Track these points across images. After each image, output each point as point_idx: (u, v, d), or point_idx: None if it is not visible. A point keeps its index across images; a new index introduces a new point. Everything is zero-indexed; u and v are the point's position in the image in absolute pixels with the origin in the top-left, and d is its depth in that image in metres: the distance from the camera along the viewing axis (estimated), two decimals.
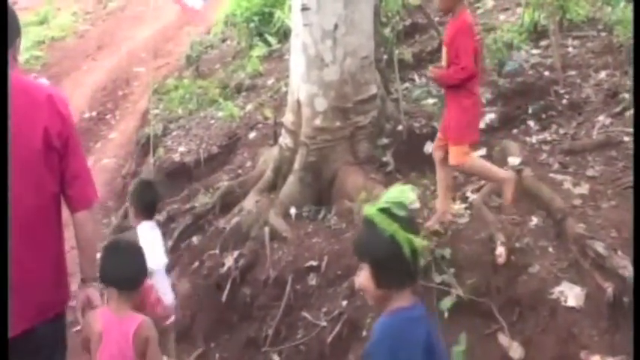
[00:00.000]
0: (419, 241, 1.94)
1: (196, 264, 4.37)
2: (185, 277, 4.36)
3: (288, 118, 4.97)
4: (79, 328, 3.12)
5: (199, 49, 9.04)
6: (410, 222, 1.98)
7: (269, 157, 5.17)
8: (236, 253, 4.22)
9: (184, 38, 10.35)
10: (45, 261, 2.66)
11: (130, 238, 3.03)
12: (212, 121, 6.62)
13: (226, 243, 4.40)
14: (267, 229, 4.29)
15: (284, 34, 8.39)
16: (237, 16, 9.17)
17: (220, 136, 6.21)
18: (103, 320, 2.69)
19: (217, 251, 4.37)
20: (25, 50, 10.23)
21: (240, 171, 5.44)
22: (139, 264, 2.80)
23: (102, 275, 2.74)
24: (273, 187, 4.81)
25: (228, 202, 4.93)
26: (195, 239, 4.68)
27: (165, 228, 5.11)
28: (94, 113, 8.67)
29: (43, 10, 13.77)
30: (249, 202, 4.68)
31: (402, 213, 1.94)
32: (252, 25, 8.68)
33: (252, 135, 5.99)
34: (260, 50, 8.11)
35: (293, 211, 4.47)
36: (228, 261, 4.18)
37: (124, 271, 2.74)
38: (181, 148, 6.28)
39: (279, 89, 6.74)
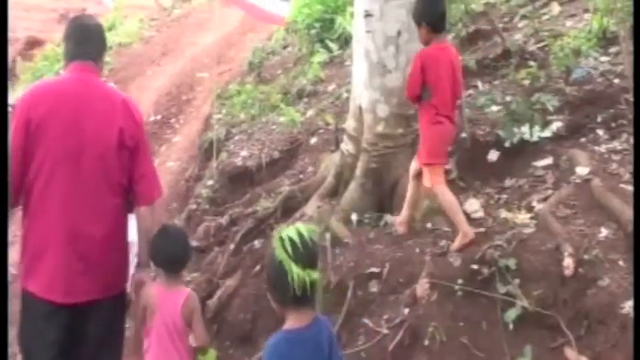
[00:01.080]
0: (302, 273, 2.20)
1: (258, 267, 4.42)
2: (247, 279, 4.41)
3: (349, 124, 4.98)
4: None
5: (261, 55, 9.18)
6: (303, 256, 2.24)
7: (330, 162, 5.19)
8: None
9: (246, 45, 10.55)
10: (115, 243, 3.10)
11: (176, 227, 3.45)
12: (273, 127, 6.70)
13: None
14: (328, 235, 4.30)
15: (345, 41, 8.42)
16: (298, 22, 9.27)
17: (282, 141, 6.28)
18: (158, 293, 3.12)
19: None
20: None
21: (301, 176, 5.49)
22: (184, 249, 3.23)
23: (153, 258, 3.17)
24: (335, 193, 4.82)
25: (289, 207, 4.97)
26: (257, 243, 4.73)
27: (227, 231, 5.22)
28: (158, 117, 8.92)
29: (111, 17, 14.25)
30: (311, 208, 4.71)
31: (294, 248, 2.22)
32: (313, 31, 8.76)
33: (313, 140, 6.03)
34: (321, 56, 8.17)
35: (354, 217, 4.48)
36: None
37: (171, 254, 3.15)
38: (243, 153, 6.37)
39: (340, 95, 6.77)
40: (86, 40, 3.15)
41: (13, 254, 5.98)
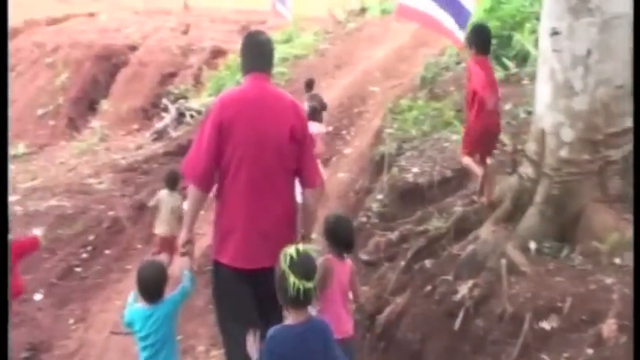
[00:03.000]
0: (298, 282, 2.91)
1: (429, 288, 4.38)
2: (417, 299, 4.40)
3: (530, 147, 4.80)
4: None
5: (434, 70, 9.13)
6: (300, 269, 2.95)
7: (507, 185, 5.03)
8: (470, 282, 4.15)
9: (419, 59, 10.56)
10: (287, 218, 3.79)
11: (346, 216, 4.21)
12: (446, 144, 6.63)
13: (460, 270, 4.36)
14: (504, 261, 4.17)
15: (523, 58, 8.16)
16: None
17: (454, 159, 6.19)
18: (334, 264, 3.77)
19: (450, 277, 4.34)
20: None
21: (474, 197, 5.36)
22: (352, 234, 3.92)
23: (330, 240, 3.81)
24: (511, 217, 4.65)
25: (462, 229, 4.88)
26: (427, 262, 4.69)
27: (397, 247, 5.25)
28: (330, 128, 9.16)
29: (288, 30, 14.93)
30: (486, 231, 4.59)
31: (292, 262, 2.95)
32: None
33: (488, 161, 5.87)
34: (497, 74, 7.94)
35: (532, 245, 4.30)
36: (462, 289, 4.13)
37: (347, 239, 3.83)
38: (415, 169, 6.37)
39: (516, 115, 6.57)
40: (259, 53, 3.83)
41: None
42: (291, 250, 3.00)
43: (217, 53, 16.06)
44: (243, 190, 3.67)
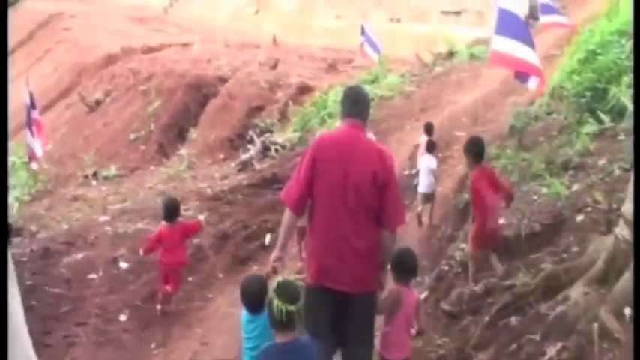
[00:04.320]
0: (281, 305, 3.35)
1: (514, 346, 4.28)
2: (501, 356, 4.31)
3: (627, 207, 4.63)
4: None
5: (524, 120, 8.97)
6: (284, 294, 3.39)
7: (600, 246, 4.86)
8: (559, 345, 4.03)
9: (507, 107, 10.42)
10: (368, 251, 4.15)
11: (410, 249, 4.70)
12: (534, 197, 6.48)
13: (548, 331, 4.23)
14: (595, 326, 4.04)
15: (619, 113, 7.92)
16: (566, 89, 8.95)
17: (544, 213, 6.05)
18: (402, 293, 4.30)
19: (537, 337, 4.23)
20: None
21: (564, 255, 5.21)
22: (416, 264, 4.50)
23: (396, 270, 4.37)
24: (605, 280, 4.49)
25: (551, 287, 4.73)
26: (513, 319, 4.58)
27: (481, 301, 5.16)
28: (413, 171, 9.16)
29: (374, 70, 15.11)
30: (576, 292, 4.44)
31: (279, 288, 3.41)
32: (583, 100, 8.37)
33: (579, 218, 5.71)
34: (590, 127, 7.75)
35: (628, 311, 4.13)
36: (550, 351, 4.01)
37: (410, 268, 4.44)
38: (501, 221, 6.25)
39: (611, 172, 6.35)
40: (358, 103, 4.32)
41: None
42: (278, 278, 3.51)
43: (304, 89, 16.41)
44: (326, 221, 4.15)
